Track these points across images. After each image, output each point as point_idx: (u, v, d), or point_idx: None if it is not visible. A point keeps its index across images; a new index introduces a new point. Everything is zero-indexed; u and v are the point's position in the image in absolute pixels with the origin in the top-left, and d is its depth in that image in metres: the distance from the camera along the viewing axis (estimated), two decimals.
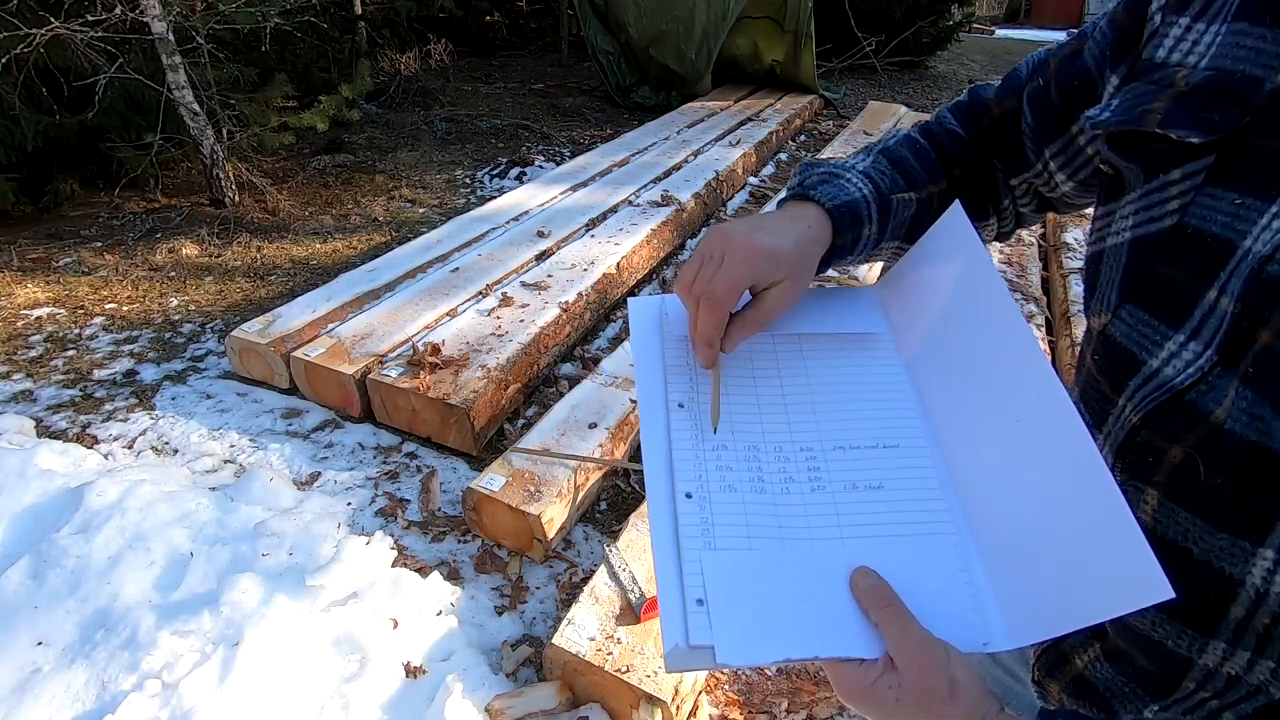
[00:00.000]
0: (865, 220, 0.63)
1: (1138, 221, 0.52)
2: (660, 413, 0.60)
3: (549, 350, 2.56)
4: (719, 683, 1.60)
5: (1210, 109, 0.47)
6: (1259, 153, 0.45)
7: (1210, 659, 0.47)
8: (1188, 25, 0.52)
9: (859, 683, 0.48)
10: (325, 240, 3.62)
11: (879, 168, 0.67)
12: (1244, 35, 0.47)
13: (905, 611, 0.49)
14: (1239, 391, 0.43)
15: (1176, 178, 0.50)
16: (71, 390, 2.48)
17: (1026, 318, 2.83)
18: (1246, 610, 0.44)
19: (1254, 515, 0.43)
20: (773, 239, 0.58)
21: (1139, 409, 0.50)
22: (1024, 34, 12.56)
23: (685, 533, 0.53)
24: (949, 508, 0.55)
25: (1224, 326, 0.45)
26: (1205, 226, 0.47)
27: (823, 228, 0.61)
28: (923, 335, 0.62)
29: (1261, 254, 0.43)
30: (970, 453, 0.56)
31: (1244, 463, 0.43)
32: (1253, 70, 0.46)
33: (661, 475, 0.57)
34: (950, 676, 0.46)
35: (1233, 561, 0.44)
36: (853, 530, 0.54)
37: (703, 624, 0.49)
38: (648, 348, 0.65)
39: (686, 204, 3.69)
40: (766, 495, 0.56)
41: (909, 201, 0.66)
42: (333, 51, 5.16)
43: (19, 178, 3.44)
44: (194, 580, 1.65)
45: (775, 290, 0.58)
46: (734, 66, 6.20)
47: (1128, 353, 0.52)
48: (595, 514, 2.05)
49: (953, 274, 0.59)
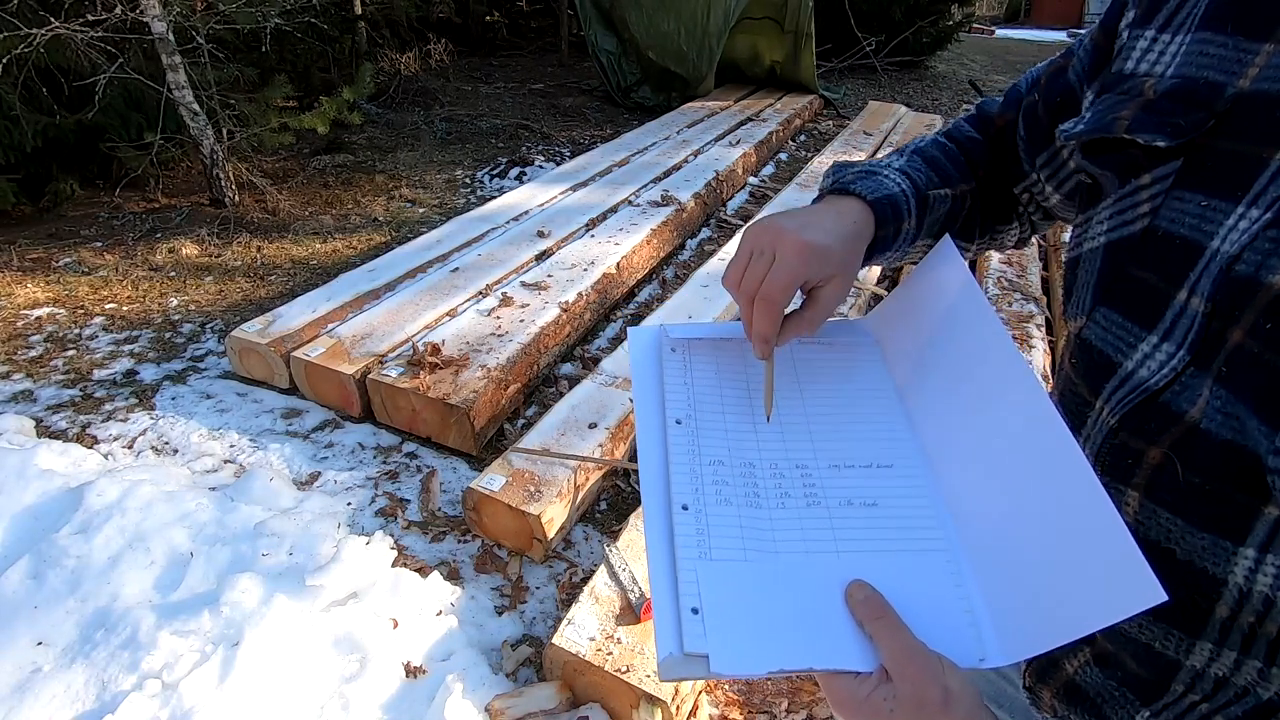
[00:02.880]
0: (905, 214, 0.64)
1: (1112, 226, 0.53)
2: (658, 430, 0.61)
3: (549, 350, 2.56)
4: (719, 683, 1.60)
5: (1176, 114, 0.49)
6: (1223, 155, 0.46)
7: (1197, 660, 0.47)
8: (1154, 37, 0.53)
9: (853, 695, 0.48)
10: (325, 240, 3.62)
11: (914, 165, 0.68)
12: (1207, 43, 0.49)
13: (899, 623, 0.49)
14: (1213, 391, 0.44)
15: (1147, 182, 0.51)
16: (71, 390, 2.48)
17: (1027, 317, 2.83)
18: (1231, 610, 0.45)
19: (1234, 514, 0.43)
20: (823, 236, 0.58)
21: (1116, 411, 0.50)
22: (1024, 34, 12.56)
23: (681, 543, 0.53)
24: (944, 525, 0.55)
25: (1195, 327, 0.45)
26: (1175, 229, 0.48)
27: (866, 221, 0.62)
28: (915, 358, 0.63)
29: (1229, 254, 0.44)
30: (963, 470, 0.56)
31: (1221, 462, 0.43)
32: (1215, 76, 0.48)
33: (658, 489, 0.57)
34: (945, 687, 0.46)
35: (1215, 561, 0.45)
36: (848, 545, 0.54)
37: (698, 633, 0.49)
38: (646, 370, 0.65)
39: (686, 204, 3.69)
40: (762, 510, 0.56)
41: (944, 198, 0.67)
42: (333, 52, 5.16)
43: (19, 177, 3.44)
44: (194, 580, 1.65)
45: (828, 289, 0.59)
46: (734, 67, 6.21)
47: (1103, 355, 0.52)
48: (595, 514, 2.05)
49: (944, 300, 0.61)
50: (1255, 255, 0.42)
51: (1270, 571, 0.42)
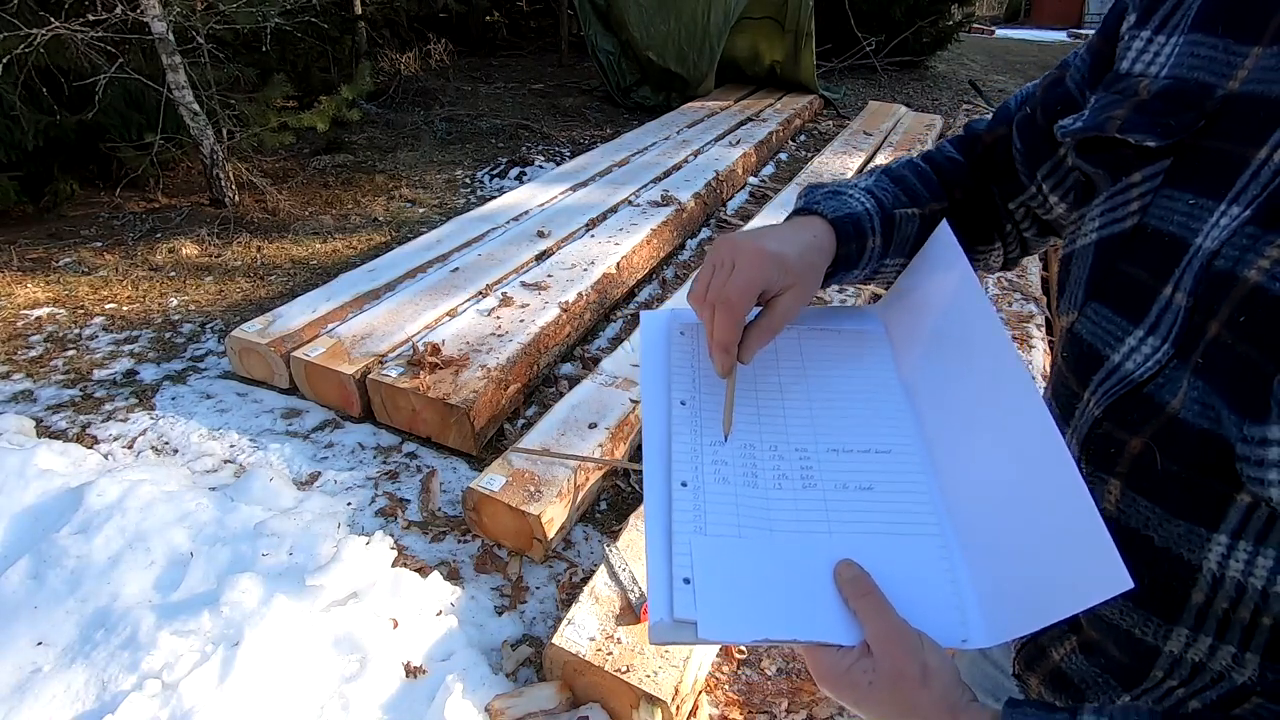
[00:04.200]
0: (868, 232, 0.65)
1: (1104, 223, 0.55)
2: (662, 409, 0.63)
3: (549, 350, 2.56)
4: (719, 683, 1.60)
5: (1167, 115, 0.50)
6: (1212, 155, 0.48)
7: (1175, 645, 0.49)
8: (1149, 38, 0.55)
9: (835, 667, 0.50)
10: (325, 240, 3.62)
11: (881, 185, 0.69)
12: (1198, 45, 0.51)
13: (883, 600, 0.50)
14: (1191, 382, 0.45)
15: (1137, 180, 0.52)
16: (71, 390, 2.48)
17: (1027, 317, 2.83)
18: (1206, 596, 0.46)
19: (1208, 501, 0.45)
20: (780, 245, 0.60)
21: (1101, 402, 0.52)
22: (1024, 34, 12.56)
23: (678, 517, 0.56)
24: (936, 510, 0.57)
25: (1179, 321, 0.47)
26: (1163, 226, 0.50)
27: (826, 235, 0.63)
28: (915, 347, 0.65)
29: (1210, 250, 0.45)
30: (956, 458, 0.58)
31: (1197, 451, 0.45)
32: (1206, 77, 0.49)
33: (659, 466, 0.59)
34: (923, 663, 0.47)
35: (1190, 548, 0.46)
36: (841, 526, 0.56)
37: (687, 600, 0.51)
38: (655, 351, 0.68)
39: (686, 204, 3.69)
40: (759, 490, 0.58)
41: (912, 217, 0.68)
42: (333, 51, 5.16)
43: (20, 176, 3.44)
44: (194, 580, 1.65)
45: (785, 296, 0.60)
46: (734, 67, 6.21)
47: (1092, 348, 0.54)
48: (595, 514, 2.05)
49: (942, 289, 0.62)
50: (1233, 251, 0.44)
51: (1242, 558, 0.44)
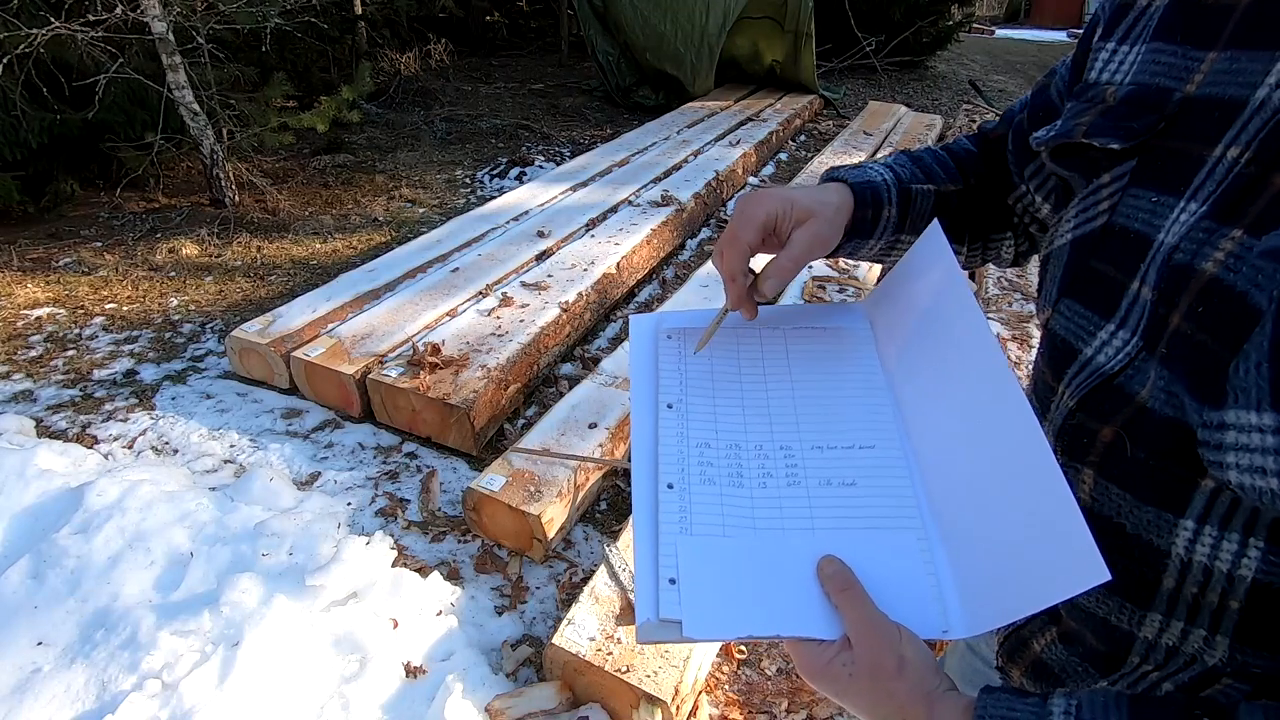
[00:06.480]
0: (885, 201, 0.69)
1: (1077, 223, 0.58)
2: (650, 413, 0.64)
3: (549, 350, 2.56)
4: (719, 683, 1.60)
5: (1130, 119, 0.53)
6: (1172, 154, 0.51)
7: (1149, 631, 0.50)
8: (1114, 49, 0.59)
9: (817, 661, 0.51)
10: (325, 240, 3.62)
11: (899, 162, 0.74)
12: (1159, 52, 0.54)
13: (863, 594, 0.52)
14: (1158, 372, 0.47)
15: (1106, 181, 0.55)
16: (71, 390, 2.48)
17: (1027, 317, 2.83)
18: (1176, 581, 0.47)
19: (1174, 488, 0.46)
20: (793, 190, 0.64)
21: (1075, 394, 0.54)
22: (1024, 34, 12.56)
23: (664, 519, 0.57)
24: (918, 504, 0.58)
25: (1145, 314, 0.49)
26: (1129, 224, 0.52)
27: (844, 196, 0.67)
28: (900, 343, 0.66)
29: (1171, 244, 0.48)
30: (939, 452, 0.59)
31: (1164, 438, 0.46)
32: (1165, 82, 0.52)
33: (647, 468, 0.61)
34: (900, 655, 0.49)
35: (1159, 534, 0.47)
36: (824, 523, 0.57)
37: (673, 600, 0.53)
38: (643, 354, 0.69)
39: (686, 204, 3.69)
40: (744, 489, 0.59)
41: (928, 194, 0.72)
42: (333, 51, 5.16)
43: (23, 175, 3.44)
44: (194, 580, 1.65)
45: (799, 231, 0.63)
46: (734, 67, 6.20)
47: (1066, 343, 0.56)
48: (595, 514, 2.05)
49: (928, 285, 0.64)
50: (1191, 245, 0.46)
51: (1208, 542, 0.45)
